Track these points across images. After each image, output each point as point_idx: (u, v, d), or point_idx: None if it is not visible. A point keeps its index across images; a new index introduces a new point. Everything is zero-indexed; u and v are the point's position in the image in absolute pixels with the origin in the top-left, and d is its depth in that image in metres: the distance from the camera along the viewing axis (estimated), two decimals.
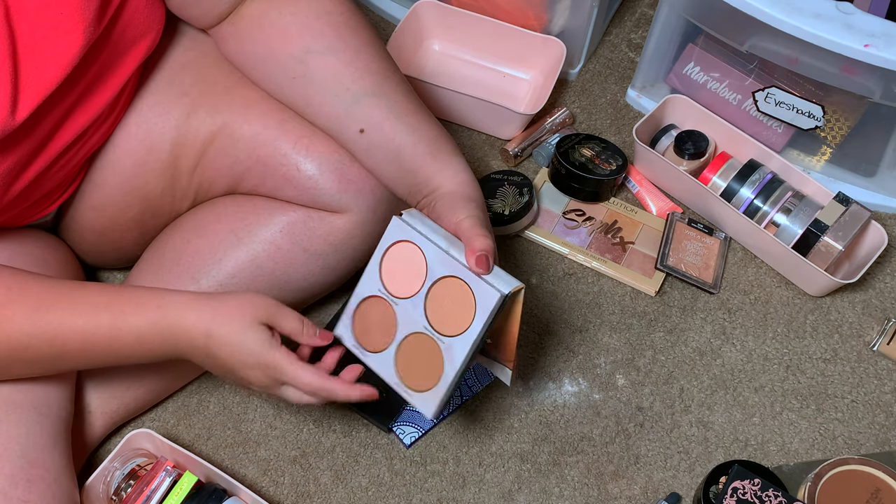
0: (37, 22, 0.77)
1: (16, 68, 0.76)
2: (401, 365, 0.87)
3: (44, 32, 0.77)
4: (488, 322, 0.81)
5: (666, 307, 1.17)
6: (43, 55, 0.78)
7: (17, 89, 0.77)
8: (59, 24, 0.78)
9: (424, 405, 0.86)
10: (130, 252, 1.06)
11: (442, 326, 0.84)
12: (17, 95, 0.77)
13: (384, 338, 0.87)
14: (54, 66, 0.79)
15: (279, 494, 1.04)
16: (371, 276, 0.87)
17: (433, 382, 0.85)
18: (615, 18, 1.45)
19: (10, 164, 0.81)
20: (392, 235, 0.86)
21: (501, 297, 0.81)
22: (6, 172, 0.82)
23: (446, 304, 0.84)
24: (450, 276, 0.83)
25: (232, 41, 0.95)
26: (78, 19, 0.79)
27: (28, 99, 0.78)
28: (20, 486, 0.85)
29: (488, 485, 1.05)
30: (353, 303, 0.88)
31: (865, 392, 1.12)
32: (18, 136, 0.81)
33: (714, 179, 1.21)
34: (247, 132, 0.95)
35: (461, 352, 0.83)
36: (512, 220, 1.18)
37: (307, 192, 0.95)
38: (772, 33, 1.09)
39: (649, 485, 1.05)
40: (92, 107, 0.88)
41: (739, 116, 1.26)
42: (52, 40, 0.78)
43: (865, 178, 1.25)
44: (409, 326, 0.86)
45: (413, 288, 0.85)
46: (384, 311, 0.87)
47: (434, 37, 1.37)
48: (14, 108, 0.77)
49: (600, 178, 1.20)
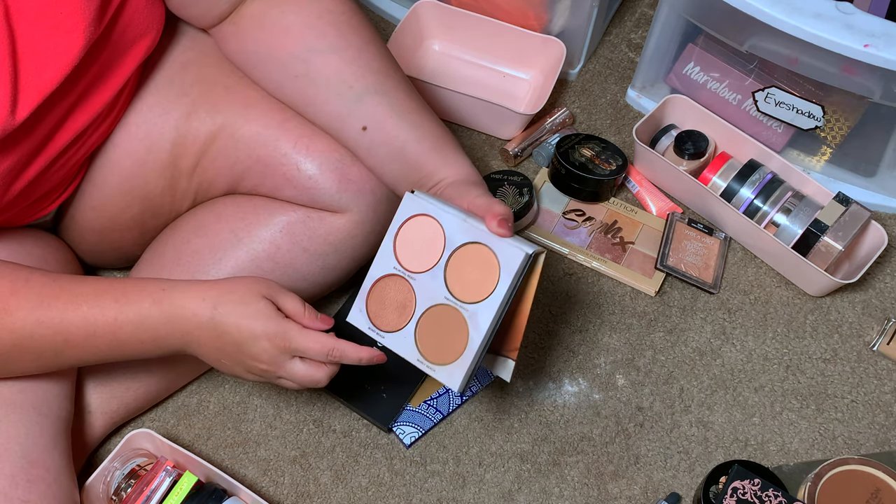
0: (37, 21, 0.77)
1: (15, 68, 0.76)
2: (422, 340, 0.85)
3: (44, 32, 0.77)
4: (514, 284, 0.81)
5: (666, 307, 1.17)
6: (43, 55, 0.78)
7: (16, 89, 0.77)
8: (60, 24, 0.78)
9: (451, 378, 0.84)
10: (130, 252, 1.06)
11: (464, 294, 0.83)
12: (16, 95, 0.77)
13: (402, 316, 0.86)
14: (55, 65, 0.79)
15: (279, 494, 1.04)
16: (385, 255, 0.86)
17: (458, 353, 0.83)
18: (615, 18, 1.45)
19: (10, 163, 0.81)
20: (406, 210, 0.85)
21: (527, 257, 0.80)
22: (6, 172, 0.82)
23: (468, 271, 0.83)
24: (470, 242, 0.82)
25: (233, 41, 0.95)
26: (79, 19, 0.79)
27: (28, 98, 0.78)
28: (20, 486, 0.85)
29: (488, 485, 1.05)
30: (366, 285, 0.87)
31: (865, 392, 1.12)
32: (18, 135, 0.81)
33: (714, 179, 1.21)
34: (247, 132, 0.95)
35: (486, 317, 0.82)
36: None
37: (307, 192, 0.95)
38: (772, 33, 1.09)
39: (649, 485, 1.05)
40: (92, 106, 0.88)
41: (739, 116, 1.26)
42: (52, 40, 0.78)
43: (865, 178, 1.25)
44: (428, 300, 0.84)
45: (431, 260, 0.84)
46: (401, 288, 0.86)
47: (434, 37, 1.37)
48: (14, 107, 0.77)
49: (600, 178, 1.20)
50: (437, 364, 0.85)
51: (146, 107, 0.96)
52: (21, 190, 0.86)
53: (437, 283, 0.84)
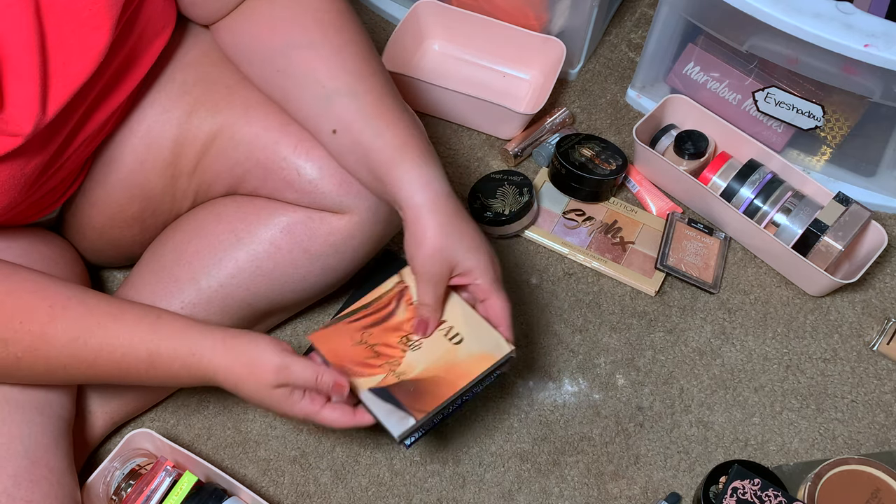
0: (66, 17, 0.77)
1: (45, 65, 0.77)
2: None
3: (73, 27, 0.78)
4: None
5: (666, 307, 1.17)
6: (72, 51, 0.78)
7: (46, 85, 0.77)
8: (88, 20, 0.78)
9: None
10: (130, 251, 1.06)
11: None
12: (46, 92, 0.77)
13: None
14: (82, 61, 0.79)
15: (279, 494, 1.04)
16: None
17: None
18: (615, 18, 1.45)
19: (39, 160, 0.82)
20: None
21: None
22: (33, 169, 0.82)
23: None
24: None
25: (226, 34, 0.95)
26: (106, 16, 0.79)
27: (57, 95, 0.78)
28: (24, 486, 0.85)
29: (488, 485, 1.05)
30: None
31: (865, 392, 1.12)
32: (47, 132, 0.81)
33: (714, 179, 1.21)
34: (247, 134, 0.95)
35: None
36: (512, 220, 1.18)
37: (308, 196, 0.95)
38: (772, 33, 1.09)
39: (649, 485, 1.05)
40: (112, 103, 0.89)
41: (739, 116, 1.26)
42: (80, 36, 0.78)
43: (865, 178, 1.25)
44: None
45: None
46: None
47: (434, 37, 1.37)
48: (45, 104, 0.77)
49: (601, 177, 1.20)
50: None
51: (147, 104, 0.95)
52: (40, 186, 0.87)
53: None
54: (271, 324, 1.10)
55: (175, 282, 0.98)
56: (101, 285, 1.15)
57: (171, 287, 0.98)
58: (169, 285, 0.98)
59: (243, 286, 0.98)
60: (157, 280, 0.99)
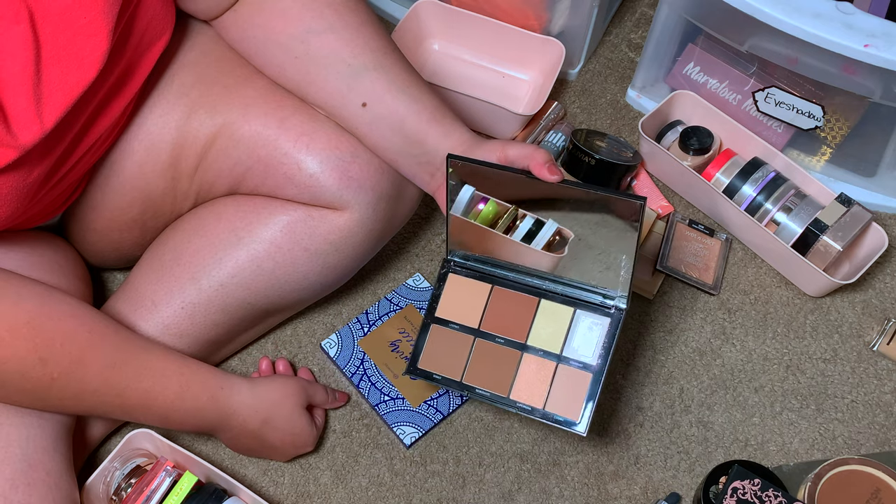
0: (62, 26, 0.77)
1: (43, 74, 0.77)
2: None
3: (69, 36, 0.78)
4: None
5: (666, 307, 1.17)
6: (69, 60, 0.78)
7: (45, 95, 0.77)
8: (84, 28, 0.78)
9: None
10: (130, 252, 1.06)
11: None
12: (45, 101, 0.77)
13: None
14: (81, 70, 0.79)
15: (279, 494, 1.04)
16: None
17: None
18: (615, 18, 1.45)
19: (41, 169, 0.82)
20: None
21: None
22: (36, 178, 0.82)
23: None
24: None
25: (234, 28, 0.95)
26: (102, 22, 0.79)
27: (55, 105, 0.78)
28: (20, 489, 0.85)
29: (488, 485, 1.05)
30: None
31: (865, 392, 1.12)
32: (49, 142, 0.81)
33: (717, 176, 1.21)
34: (247, 132, 0.95)
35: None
36: None
37: (308, 190, 0.95)
38: (772, 33, 1.09)
39: (649, 485, 1.05)
40: (114, 109, 0.89)
41: (739, 116, 1.26)
42: (77, 45, 0.78)
43: (865, 179, 1.25)
44: None
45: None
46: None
47: (434, 37, 1.37)
48: (42, 114, 0.77)
49: (627, 164, 1.20)
50: None
51: (146, 108, 0.95)
52: (44, 195, 0.87)
53: None
54: (271, 324, 1.09)
55: (175, 281, 0.98)
56: (101, 285, 1.15)
57: (172, 286, 0.98)
58: (169, 285, 0.98)
59: (244, 285, 0.98)
60: (157, 279, 0.99)
